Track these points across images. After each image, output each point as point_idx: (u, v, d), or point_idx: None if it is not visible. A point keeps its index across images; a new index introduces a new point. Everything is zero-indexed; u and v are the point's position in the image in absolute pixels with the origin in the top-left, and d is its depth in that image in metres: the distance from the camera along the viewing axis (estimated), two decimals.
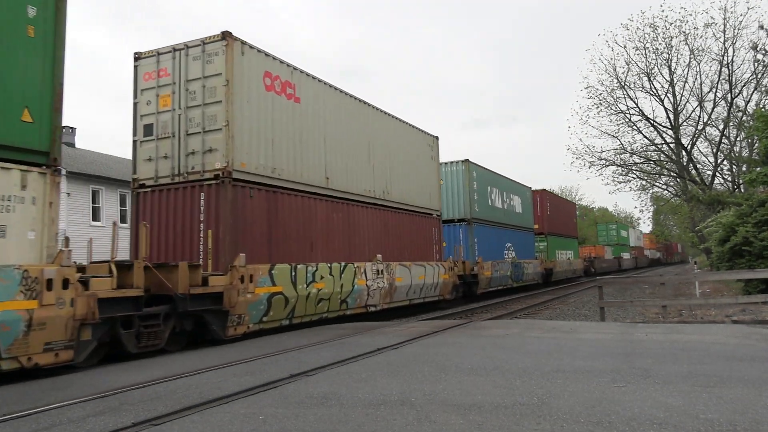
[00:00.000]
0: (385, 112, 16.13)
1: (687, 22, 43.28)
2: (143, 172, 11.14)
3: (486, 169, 24.51)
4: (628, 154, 38.26)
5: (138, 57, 11.34)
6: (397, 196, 16.21)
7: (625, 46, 42.38)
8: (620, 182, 39.33)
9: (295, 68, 12.35)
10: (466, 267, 20.83)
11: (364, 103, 15.10)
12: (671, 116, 36.44)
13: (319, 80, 13.23)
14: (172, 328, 8.93)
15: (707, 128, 36.18)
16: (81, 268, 8.13)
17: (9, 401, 5.50)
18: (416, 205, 17.35)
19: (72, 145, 28.54)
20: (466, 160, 22.36)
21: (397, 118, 16.71)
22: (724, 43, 32.73)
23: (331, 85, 13.67)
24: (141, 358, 8.18)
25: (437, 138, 19.58)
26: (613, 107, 37.39)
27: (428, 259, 17.62)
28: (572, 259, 37.50)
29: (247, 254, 10.22)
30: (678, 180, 38.63)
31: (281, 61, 11.93)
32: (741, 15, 43.42)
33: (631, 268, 60.26)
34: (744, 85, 33.17)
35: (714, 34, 38.73)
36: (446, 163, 22.18)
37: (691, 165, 36.83)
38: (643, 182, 40.09)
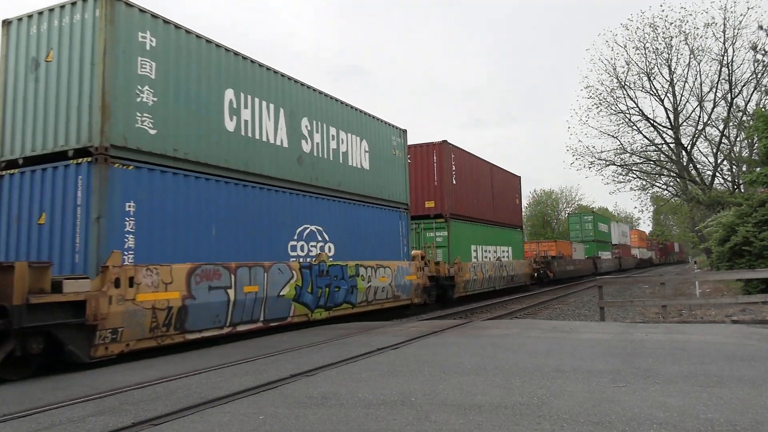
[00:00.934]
0: None
1: (687, 22, 43.40)
2: None
3: (218, 45, 10.42)
4: (627, 154, 38.24)
5: None
6: None
7: (625, 46, 42.46)
8: (620, 182, 39.30)
9: None
10: (13, 290, 6.71)
11: None
12: (671, 116, 36.41)
13: None
14: None
15: (707, 128, 36.15)
16: None
17: (9, 401, 5.50)
18: None
19: None
20: None
21: None
22: (724, 43, 32.66)
23: None
24: (142, 358, 8.17)
25: None
26: (613, 107, 37.33)
27: None
28: (509, 260, 25.88)
29: None
30: (678, 180, 38.58)
31: None
32: (741, 15, 43.37)
33: (612, 270, 48.51)
34: (744, 85, 33.13)
35: (714, 34, 38.76)
36: (47, 12, 9.03)
37: (691, 165, 36.79)
38: (643, 182, 40.07)
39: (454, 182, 20.68)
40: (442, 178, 20.03)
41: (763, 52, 30.36)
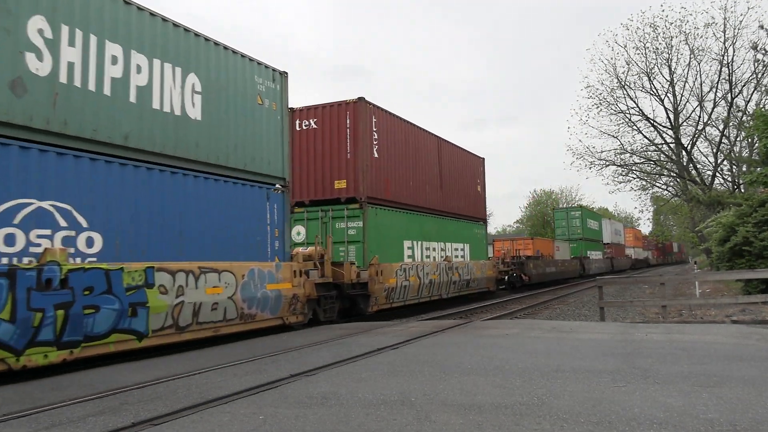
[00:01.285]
0: None
1: (687, 21, 43.64)
2: None
3: None
4: (628, 154, 38.27)
5: None
6: None
7: (625, 46, 42.46)
8: (620, 182, 39.33)
9: None
10: None
11: None
12: (671, 116, 36.44)
13: None
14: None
15: (707, 128, 36.20)
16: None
17: (9, 401, 5.50)
18: None
19: None
20: None
21: None
22: (724, 43, 32.70)
23: None
24: (141, 358, 8.17)
25: None
26: (613, 107, 37.38)
27: None
28: (465, 260, 20.91)
29: None
30: (678, 180, 38.61)
31: None
32: (741, 15, 43.47)
33: (602, 272, 43.19)
34: (744, 85, 33.17)
35: (714, 33, 38.83)
36: None
37: (691, 165, 36.83)
38: (643, 182, 40.10)
39: (376, 155, 15.42)
40: (356, 149, 14.86)
41: (763, 51, 30.39)
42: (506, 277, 26.93)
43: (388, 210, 16.10)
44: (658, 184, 41.13)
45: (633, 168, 39.03)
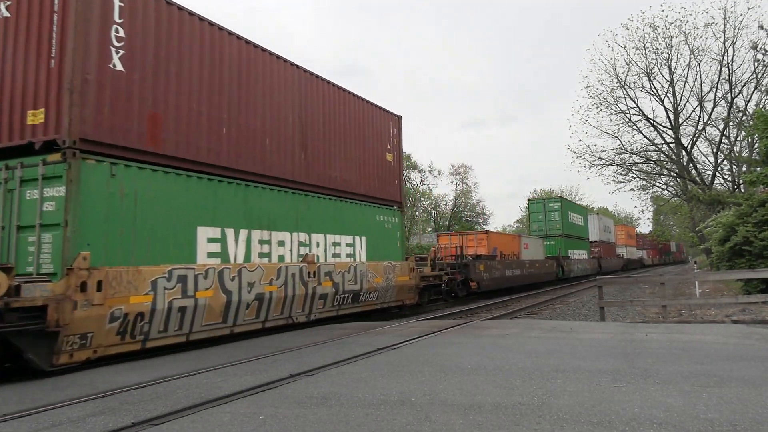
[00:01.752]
0: None
1: (687, 22, 43.65)
2: None
3: None
4: (628, 154, 38.28)
5: None
6: None
7: (625, 46, 42.44)
8: (620, 182, 39.31)
9: None
10: None
11: None
12: (671, 116, 36.46)
13: None
14: None
15: (707, 128, 36.22)
16: None
17: (9, 401, 5.50)
18: None
19: None
20: None
21: None
22: (724, 43, 32.71)
23: None
24: (142, 358, 8.16)
25: None
26: (613, 107, 37.39)
27: None
28: (355, 261, 13.64)
29: None
30: (678, 180, 38.62)
31: None
32: (741, 15, 43.55)
33: (588, 274, 38.25)
34: (744, 85, 33.19)
35: (714, 33, 38.81)
36: None
37: (691, 165, 36.84)
38: (643, 182, 40.09)
39: (119, 66, 8.30)
40: (65, 51, 7.79)
41: (763, 51, 30.41)
42: (443, 284, 19.32)
43: (154, 170, 8.81)
44: (658, 184, 41.15)
45: (633, 168, 39.06)
